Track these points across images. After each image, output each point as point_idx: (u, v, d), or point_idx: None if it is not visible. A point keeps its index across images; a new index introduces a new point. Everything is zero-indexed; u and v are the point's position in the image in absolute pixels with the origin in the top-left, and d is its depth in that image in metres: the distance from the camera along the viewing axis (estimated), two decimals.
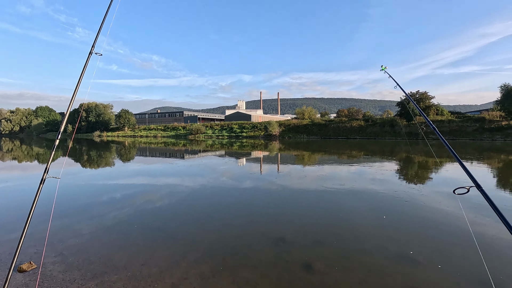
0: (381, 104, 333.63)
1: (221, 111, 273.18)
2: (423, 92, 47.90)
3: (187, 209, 6.21)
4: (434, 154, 17.73)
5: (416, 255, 3.87)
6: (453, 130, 43.00)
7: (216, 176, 10.69)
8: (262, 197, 7.31)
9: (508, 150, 22.17)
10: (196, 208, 6.33)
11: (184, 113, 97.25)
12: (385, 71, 3.66)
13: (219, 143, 36.10)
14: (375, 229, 4.93)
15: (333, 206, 6.45)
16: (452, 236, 4.59)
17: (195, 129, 62.62)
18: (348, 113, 67.03)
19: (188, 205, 6.54)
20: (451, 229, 4.91)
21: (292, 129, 55.83)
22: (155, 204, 6.64)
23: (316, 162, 15.80)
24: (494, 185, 9.08)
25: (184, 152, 23.80)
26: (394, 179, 10.03)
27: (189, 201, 6.90)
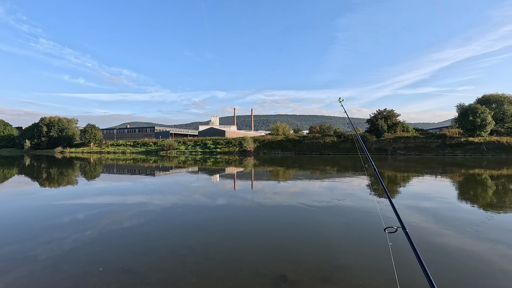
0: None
1: (194, 126, 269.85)
2: (390, 110, 51.02)
3: (158, 233, 5.85)
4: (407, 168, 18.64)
5: None
6: (418, 146, 45.88)
7: (188, 193, 10.32)
8: (236, 214, 7.12)
9: (467, 165, 23.98)
10: (168, 231, 5.99)
11: (156, 129, 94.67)
12: (341, 104, 3.88)
13: (193, 159, 35.32)
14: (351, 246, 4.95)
15: (307, 221, 6.43)
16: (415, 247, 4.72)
17: (167, 145, 60.95)
18: (320, 129, 69.22)
19: (160, 228, 6.17)
20: (414, 241, 5.05)
21: (267, 145, 56.33)
22: (122, 225, 6.19)
23: (291, 177, 15.92)
24: (456, 197, 9.67)
25: (155, 168, 22.91)
26: (365, 193, 10.32)
27: (160, 222, 6.52)
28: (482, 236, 5.29)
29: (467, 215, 7.04)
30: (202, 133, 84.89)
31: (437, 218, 6.69)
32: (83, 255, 4.50)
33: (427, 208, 7.68)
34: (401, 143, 47.15)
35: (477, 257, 4.37)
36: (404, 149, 46.01)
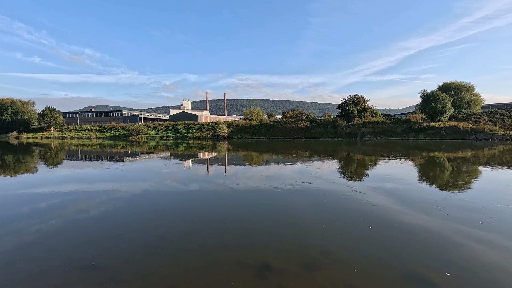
0: (322, 106, 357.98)
1: (165, 111, 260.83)
2: (360, 96, 52.73)
3: (129, 223, 5.65)
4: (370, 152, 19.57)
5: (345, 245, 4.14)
6: (385, 131, 48.27)
7: (159, 179, 10.06)
8: (210, 200, 7.09)
9: (428, 148, 25.74)
10: (140, 221, 5.81)
11: (124, 112, 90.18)
12: None
13: (164, 145, 34.35)
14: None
15: (278, 205, 6.57)
16: (374, 222, 5.04)
17: (136, 130, 58.53)
18: (293, 114, 70.15)
19: (130, 217, 5.97)
20: (378, 219, 5.39)
21: (241, 130, 56.15)
22: (88, 214, 5.91)
23: (264, 162, 16.09)
24: (416, 179, 10.38)
25: (124, 154, 21.99)
26: (335, 176, 10.74)
27: (130, 211, 6.30)
28: (438, 213, 5.75)
29: (426, 195, 7.61)
30: (174, 117, 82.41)
31: (399, 198, 7.16)
32: (43, 251, 4.10)
33: (390, 189, 8.18)
34: (369, 127, 49.29)
35: (433, 232, 4.78)
36: (373, 133, 48.22)
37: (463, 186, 8.86)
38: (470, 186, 8.92)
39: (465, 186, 8.81)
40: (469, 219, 5.38)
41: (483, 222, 5.18)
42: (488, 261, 3.72)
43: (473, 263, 3.67)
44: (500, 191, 8.07)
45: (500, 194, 7.69)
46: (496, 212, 5.81)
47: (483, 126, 44.22)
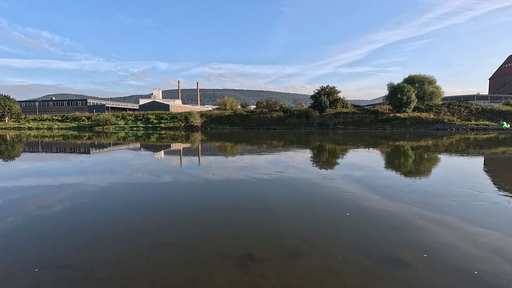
0: (295, 97, 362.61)
1: (134, 100, 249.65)
2: (332, 87, 53.98)
3: (99, 218, 5.36)
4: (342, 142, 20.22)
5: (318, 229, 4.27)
6: (355, 121, 50.06)
7: (130, 171, 9.65)
8: (184, 192, 6.93)
9: (394, 138, 27.14)
10: (111, 215, 5.53)
11: (89, 101, 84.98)
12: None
13: (134, 135, 32.96)
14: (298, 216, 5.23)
15: (253, 194, 6.59)
16: (344, 208, 5.24)
17: (104, 120, 55.48)
18: (267, 105, 70.37)
19: (100, 212, 5.66)
20: (352, 206, 5.60)
21: (215, 120, 55.35)
22: (53, 209, 5.51)
23: (238, 152, 16.03)
24: (383, 166, 10.92)
25: (90, 146, 20.80)
26: (307, 165, 10.98)
27: (100, 205, 5.97)
28: (401, 198, 6.10)
29: (391, 181, 8.03)
30: (144, 107, 79.14)
31: (366, 185, 7.49)
32: (2, 250, 3.83)
33: (358, 177, 8.52)
34: (341, 118, 50.87)
35: (396, 216, 5.08)
36: (343, 123, 49.87)
37: (425, 172, 9.47)
38: (431, 172, 9.55)
39: (427, 173, 9.42)
40: (433, 203, 5.76)
41: (448, 205, 5.57)
42: (444, 241, 4.02)
43: (437, 243, 3.94)
44: (458, 177, 8.74)
45: (459, 179, 8.32)
46: (456, 196, 6.27)
47: (443, 117, 47.45)
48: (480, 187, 7.17)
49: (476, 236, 4.21)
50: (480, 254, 3.65)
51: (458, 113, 48.61)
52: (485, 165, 11.48)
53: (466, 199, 6.02)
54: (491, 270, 3.23)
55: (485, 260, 3.49)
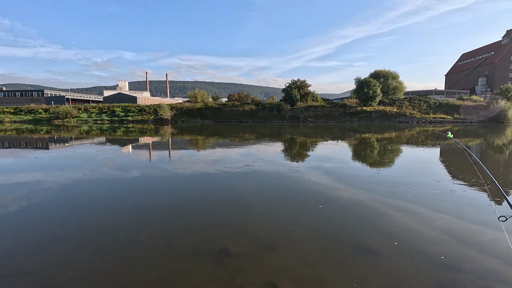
0: (266, 90, 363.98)
1: (97, 91, 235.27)
2: (303, 80, 54.86)
3: (60, 217, 5.00)
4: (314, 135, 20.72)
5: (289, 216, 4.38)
6: (325, 114, 51.47)
7: (95, 167, 9.11)
8: (153, 187, 6.70)
9: (361, 130, 28.37)
10: (73, 213, 5.18)
11: (46, 93, 78.62)
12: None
13: (98, 129, 31.15)
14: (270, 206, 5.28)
15: (226, 188, 6.55)
16: (314, 198, 5.42)
17: (64, 112, 51.66)
18: (238, 98, 69.95)
19: (61, 211, 5.28)
20: (323, 197, 5.80)
21: (185, 113, 53.93)
22: (7, 210, 5.04)
23: (210, 146, 15.81)
24: (350, 158, 11.39)
25: (49, 140, 19.32)
26: (279, 158, 11.14)
27: (61, 203, 5.58)
28: (367, 188, 6.42)
29: (357, 172, 8.42)
30: (109, 99, 74.84)
31: (334, 176, 7.80)
32: None
33: (327, 168, 8.82)
34: (311, 111, 52.05)
35: (362, 204, 5.37)
36: (314, 117, 51.10)
37: (389, 163, 10.03)
38: (395, 163, 10.15)
39: (391, 163, 9.99)
40: (397, 192, 6.12)
41: (410, 194, 5.95)
42: (407, 226, 4.31)
43: (400, 228, 4.20)
44: (418, 167, 9.37)
45: (419, 169, 8.93)
46: (417, 185, 6.72)
47: (405, 110, 50.46)
48: (437, 176, 7.76)
49: (433, 221, 4.55)
50: (436, 236, 3.96)
51: (419, 107, 51.95)
52: (441, 156, 12.43)
53: (425, 188, 6.48)
54: (445, 251, 3.51)
55: (440, 242, 3.80)
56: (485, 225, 4.42)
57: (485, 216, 4.78)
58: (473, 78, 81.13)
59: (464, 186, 6.65)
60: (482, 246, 3.70)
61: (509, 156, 11.90)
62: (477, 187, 6.52)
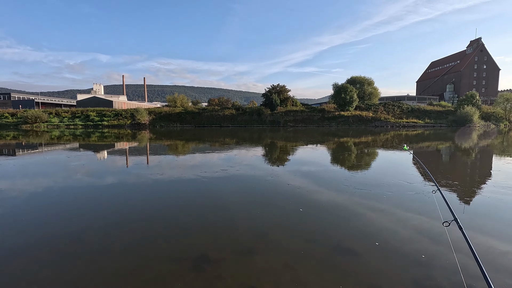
0: (246, 95, 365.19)
1: (70, 95, 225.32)
2: (282, 86, 55.62)
3: (27, 226, 4.68)
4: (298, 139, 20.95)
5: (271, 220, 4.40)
6: (304, 119, 52.42)
7: (67, 174, 8.67)
8: (130, 193, 6.47)
9: (339, 134, 29.11)
10: (41, 221, 4.88)
11: (13, 96, 74.26)
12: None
13: (71, 134, 29.73)
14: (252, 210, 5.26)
15: (205, 193, 6.46)
16: (293, 201, 5.49)
17: (33, 117, 48.88)
18: (219, 102, 69.66)
19: (29, 219, 4.95)
20: (295, 197, 5.87)
21: (164, 118, 52.85)
22: None
23: (189, 151, 15.57)
24: (328, 161, 11.64)
25: (16, 146, 18.18)
26: (259, 162, 11.16)
27: (28, 211, 5.24)
28: (344, 190, 6.58)
29: (335, 174, 8.63)
30: (82, 103, 71.86)
31: (313, 179, 7.94)
32: None
33: (306, 172, 8.96)
34: (291, 116, 52.81)
35: (340, 206, 5.51)
36: (293, 121, 51.87)
37: (365, 166, 10.35)
38: (371, 166, 10.49)
39: (367, 166, 10.32)
40: (373, 194, 6.32)
41: (386, 196, 6.15)
42: (382, 225, 4.45)
43: (376, 228, 4.33)
44: (393, 169, 9.75)
45: (393, 171, 9.29)
46: (391, 186, 6.98)
47: (380, 115, 52.48)
48: (410, 178, 8.10)
49: (407, 221, 4.73)
50: (410, 235, 4.12)
51: (393, 112, 54.23)
52: (413, 158, 13.01)
53: (399, 189, 6.74)
54: (419, 249, 3.66)
55: (414, 240, 3.95)
56: (454, 224, 4.66)
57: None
58: (441, 84, 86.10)
59: (434, 187, 6.99)
60: (453, 244, 3.90)
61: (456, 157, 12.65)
62: (446, 189, 6.87)
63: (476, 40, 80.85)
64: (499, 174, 8.80)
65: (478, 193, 6.53)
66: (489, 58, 79.33)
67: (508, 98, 52.16)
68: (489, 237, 4.09)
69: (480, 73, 79.28)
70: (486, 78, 79.42)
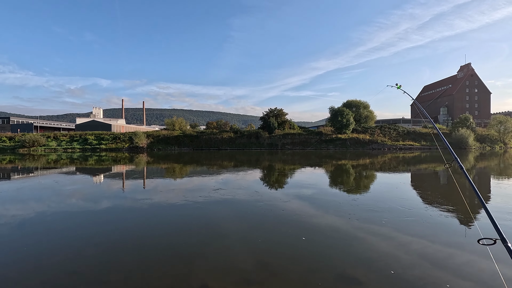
0: (244, 118, 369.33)
1: (70, 119, 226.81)
2: (280, 109, 56.50)
3: (19, 254, 4.53)
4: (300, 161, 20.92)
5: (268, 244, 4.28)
6: (302, 141, 52.70)
7: (61, 198, 8.51)
8: (125, 218, 6.32)
9: (336, 157, 29.15)
10: (32, 250, 4.71)
11: (12, 120, 74.69)
12: (401, 88, 4.09)
13: (68, 158, 29.54)
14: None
15: (204, 219, 6.34)
16: (293, 225, 5.37)
17: (30, 140, 48.83)
18: (217, 125, 70.29)
19: (18, 248, 4.79)
20: (295, 221, 5.76)
21: (162, 141, 52.94)
22: None
23: (187, 174, 15.45)
24: (327, 184, 11.56)
25: (11, 171, 17.98)
26: (257, 185, 11.06)
27: (18, 240, 5.08)
28: (343, 214, 6.49)
29: (334, 198, 8.54)
30: (81, 126, 72.28)
31: (313, 202, 7.85)
32: None
33: (305, 195, 8.87)
34: (288, 139, 53.15)
35: (340, 230, 5.43)
36: (291, 144, 52.11)
37: (365, 189, 10.28)
38: (369, 189, 10.41)
39: (366, 189, 10.24)
40: (372, 218, 6.22)
41: (385, 221, 6.06)
42: (383, 251, 4.34)
43: (376, 253, 4.21)
44: (392, 192, 9.67)
45: (391, 194, 9.21)
46: (391, 211, 6.89)
47: (377, 138, 52.96)
48: (408, 203, 8.03)
49: (408, 245, 4.62)
50: (411, 260, 4.00)
51: (389, 134, 54.81)
52: (412, 181, 12.96)
53: (397, 214, 6.65)
54: (422, 275, 3.54)
55: (415, 266, 3.84)
56: (457, 247, 4.56)
57: (455, 239, 4.95)
58: (435, 108, 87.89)
59: (435, 209, 6.91)
60: (456, 269, 3.78)
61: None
62: (447, 211, 6.79)
63: (466, 65, 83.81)
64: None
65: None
66: (479, 82, 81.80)
67: (501, 121, 53.18)
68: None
69: (472, 96, 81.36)
70: (478, 101, 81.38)
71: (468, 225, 5.76)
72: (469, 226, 5.67)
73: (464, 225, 5.76)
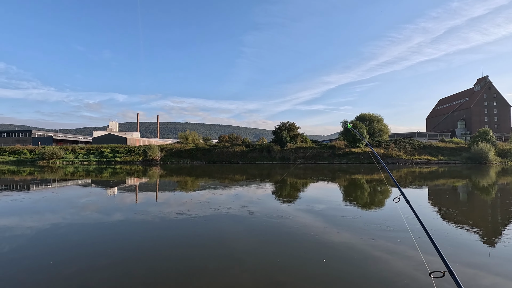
0: (256, 132, 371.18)
1: (87, 132, 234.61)
2: (292, 123, 56.55)
3: (33, 265, 4.61)
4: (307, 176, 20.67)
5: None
6: (314, 155, 52.20)
7: (75, 210, 8.68)
8: (136, 231, 6.36)
9: (350, 171, 28.61)
10: (48, 261, 4.80)
11: (33, 133, 77.94)
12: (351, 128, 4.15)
13: (84, 170, 30.32)
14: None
15: (216, 235, 6.28)
16: (306, 242, 5.22)
17: (49, 153, 50.59)
18: (229, 139, 70.82)
19: (36, 259, 4.89)
20: (308, 238, 5.61)
21: (175, 154, 53.70)
22: None
23: (199, 187, 15.50)
24: (341, 199, 11.30)
25: (30, 182, 18.58)
26: (269, 200, 10.94)
27: (34, 250, 5.18)
28: (357, 231, 6.29)
29: (348, 213, 8.31)
30: (98, 139, 74.50)
31: (326, 218, 7.66)
32: None
33: (318, 210, 8.68)
34: (301, 152, 52.80)
35: (354, 248, 5.25)
36: (303, 158, 51.70)
37: (378, 204, 9.97)
38: (384, 205, 10.10)
39: (381, 205, 9.93)
40: (390, 237, 5.99)
41: (401, 240, 5.82)
42: (399, 270, 4.14)
43: (394, 274, 4.03)
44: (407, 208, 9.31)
45: (407, 211, 8.87)
46: (406, 231, 6.62)
47: (391, 152, 51.81)
48: (427, 219, 7.71)
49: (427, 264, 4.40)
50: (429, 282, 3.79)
51: (404, 148, 53.54)
52: (429, 196, 12.50)
53: (416, 234, 6.39)
54: None
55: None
56: None
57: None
58: (452, 121, 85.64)
59: (456, 226, 6.60)
60: None
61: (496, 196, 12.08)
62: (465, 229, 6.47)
63: (483, 78, 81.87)
64: None
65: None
66: (498, 95, 79.49)
67: None
68: None
69: (490, 110, 78.93)
70: (497, 115, 78.79)
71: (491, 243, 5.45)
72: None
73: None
